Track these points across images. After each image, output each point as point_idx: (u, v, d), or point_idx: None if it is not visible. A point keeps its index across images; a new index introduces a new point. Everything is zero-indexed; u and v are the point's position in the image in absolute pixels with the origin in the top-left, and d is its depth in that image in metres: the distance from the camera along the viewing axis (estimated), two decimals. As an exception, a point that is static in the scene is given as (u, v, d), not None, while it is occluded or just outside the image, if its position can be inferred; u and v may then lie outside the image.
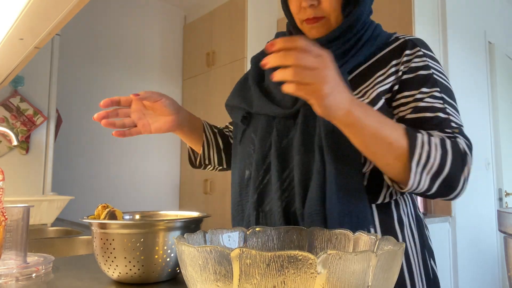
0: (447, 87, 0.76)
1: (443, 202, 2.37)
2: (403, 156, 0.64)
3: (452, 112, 0.72)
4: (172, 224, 0.68)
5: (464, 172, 0.67)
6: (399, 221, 0.76)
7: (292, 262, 0.35)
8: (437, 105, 0.72)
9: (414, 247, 0.78)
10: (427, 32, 2.35)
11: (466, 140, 0.70)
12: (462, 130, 0.72)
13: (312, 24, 0.77)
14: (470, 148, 0.69)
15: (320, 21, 0.77)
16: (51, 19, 0.90)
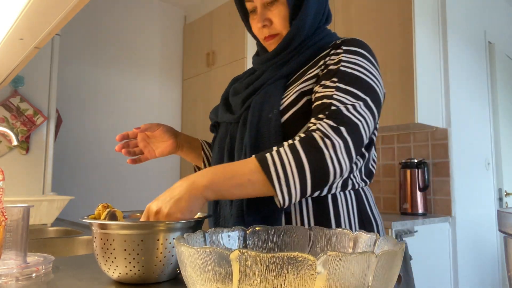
0: (350, 74, 0.79)
1: (443, 202, 2.37)
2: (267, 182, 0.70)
3: (339, 95, 0.77)
4: (172, 225, 0.68)
5: (326, 156, 0.71)
6: (335, 215, 0.82)
7: (292, 264, 0.35)
8: (327, 93, 0.78)
9: None
10: (427, 32, 2.35)
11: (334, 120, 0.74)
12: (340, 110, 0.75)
13: (270, 41, 0.91)
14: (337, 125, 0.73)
15: (275, 38, 0.90)
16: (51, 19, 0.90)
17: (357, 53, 0.83)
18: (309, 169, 0.70)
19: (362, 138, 0.77)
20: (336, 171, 0.72)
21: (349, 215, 0.84)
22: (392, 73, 2.29)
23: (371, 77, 0.81)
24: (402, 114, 2.23)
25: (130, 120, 3.55)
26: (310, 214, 0.81)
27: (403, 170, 2.40)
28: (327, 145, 0.71)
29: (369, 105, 0.78)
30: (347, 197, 0.85)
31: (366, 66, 0.82)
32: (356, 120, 0.75)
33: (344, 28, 2.59)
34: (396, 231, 1.94)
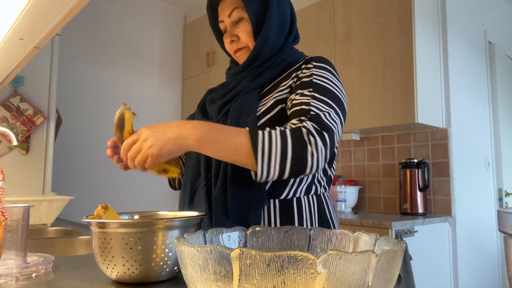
0: (322, 86, 0.90)
1: (443, 202, 2.37)
2: (251, 155, 0.79)
3: (315, 103, 0.87)
4: (171, 223, 0.68)
5: (308, 151, 0.79)
6: (298, 216, 0.92)
7: (292, 262, 0.35)
8: (304, 100, 0.88)
9: None
10: (427, 32, 2.35)
11: (316, 123, 0.83)
12: (319, 115, 0.85)
13: (238, 53, 1.03)
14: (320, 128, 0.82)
15: (243, 50, 1.02)
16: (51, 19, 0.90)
17: (325, 68, 0.94)
18: (291, 156, 0.79)
19: (335, 144, 0.87)
20: (313, 166, 0.81)
21: (311, 217, 0.94)
22: (392, 73, 2.29)
23: (338, 90, 0.92)
24: (402, 114, 2.23)
25: (130, 120, 3.55)
26: (277, 214, 0.91)
27: (403, 170, 2.40)
28: (311, 142, 0.80)
29: (338, 113, 0.89)
30: (310, 201, 0.96)
31: (333, 80, 0.93)
32: (332, 126, 0.85)
33: (344, 28, 2.59)
34: (396, 231, 1.94)
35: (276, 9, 0.98)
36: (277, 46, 1.00)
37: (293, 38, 1.05)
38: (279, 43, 1.00)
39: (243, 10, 0.99)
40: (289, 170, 0.79)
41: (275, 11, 0.98)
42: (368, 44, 2.43)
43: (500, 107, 3.02)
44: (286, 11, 1.02)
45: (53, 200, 1.62)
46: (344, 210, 2.59)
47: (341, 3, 2.62)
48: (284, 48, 1.01)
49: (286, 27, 1.02)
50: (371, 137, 2.73)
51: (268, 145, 0.78)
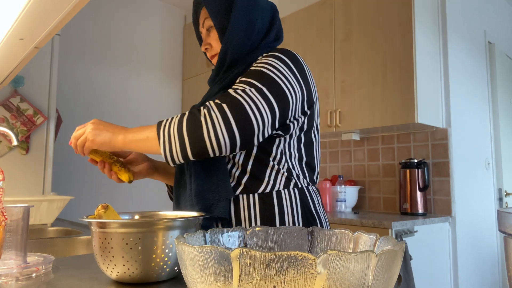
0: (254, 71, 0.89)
1: (443, 202, 2.37)
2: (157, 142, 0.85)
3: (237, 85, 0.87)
4: (171, 223, 0.68)
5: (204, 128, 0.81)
6: (279, 210, 0.92)
7: (292, 262, 0.35)
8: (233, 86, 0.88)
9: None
10: (427, 32, 2.35)
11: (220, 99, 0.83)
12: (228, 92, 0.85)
13: (213, 60, 1.08)
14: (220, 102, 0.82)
15: (215, 57, 1.06)
16: (51, 19, 0.90)
17: (274, 56, 0.92)
18: (188, 138, 0.82)
19: (248, 117, 0.82)
20: (212, 143, 0.81)
21: (293, 212, 0.94)
22: (392, 73, 2.29)
23: (276, 73, 0.88)
24: (402, 114, 2.23)
25: (130, 120, 3.55)
26: (256, 208, 0.92)
27: (403, 170, 2.40)
28: (206, 119, 0.81)
29: (264, 93, 0.85)
30: (291, 194, 0.95)
31: (276, 65, 0.90)
32: (241, 99, 0.82)
33: (344, 28, 2.59)
34: (396, 231, 1.94)
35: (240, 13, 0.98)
36: (245, 49, 1.00)
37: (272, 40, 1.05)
38: (246, 46, 1.00)
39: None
40: (191, 150, 0.82)
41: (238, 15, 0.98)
42: (368, 44, 2.43)
43: (500, 107, 3.02)
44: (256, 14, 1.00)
45: (53, 200, 1.62)
46: (344, 210, 2.59)
47: (341, 3, 2.62)
48: (257, 50, 1.01)
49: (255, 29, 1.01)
50: (371, 137, 2.73)
51: (168, 130, 0.83)
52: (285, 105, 0.87)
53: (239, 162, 0.94)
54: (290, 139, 0.95)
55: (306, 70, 0.96)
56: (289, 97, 0.88)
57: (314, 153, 1.01)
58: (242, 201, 0.93)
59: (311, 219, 0.96)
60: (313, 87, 0.99)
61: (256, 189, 0.93)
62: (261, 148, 0.93)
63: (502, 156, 2.96)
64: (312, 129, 1.00)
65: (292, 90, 0.89)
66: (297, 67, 0.93)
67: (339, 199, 2.58)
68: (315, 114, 1.01)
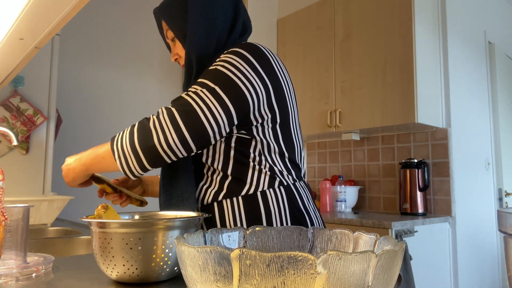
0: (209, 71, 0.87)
1: (443, 202, 2.37)
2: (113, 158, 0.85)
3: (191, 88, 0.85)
4: (171, 223, 0.68)
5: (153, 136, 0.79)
6: (266, 211, 0.89)
7: (292, 263, 0.35)
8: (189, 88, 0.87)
9: None
10: (427, 32, 2.35)
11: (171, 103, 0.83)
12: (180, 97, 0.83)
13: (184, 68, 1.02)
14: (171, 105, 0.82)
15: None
16: (51, 19, 0.90)
17: (233, 52, 0.88)
18: (140, 149, 0.81)
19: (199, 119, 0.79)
20: (165, 149, 0.80)
21: (280, 211, 0.90)
22: (392, 73, 2.29)
23: (233, 71, 0.85)
24: (402, 114, 2.23)
25: (130, 120, 3.55)
26: (241, 210, 0.89)
27: (403, 170, 2.40)
28: (156, 126, 0.80)
29: (216, 92, 0.82)
30: (277, 194, 0.91)
31: (234, 62, 0.86)
32: (191, 101, 0.80)
33: (344, 28, 2.59)
34: (396, 231, 1.94)
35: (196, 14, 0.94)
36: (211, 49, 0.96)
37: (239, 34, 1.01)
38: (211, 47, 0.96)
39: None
40: (147, 160, 0.81)
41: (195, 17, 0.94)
42: (368, 44, 2.43)
43: (500, 107, 3.02)
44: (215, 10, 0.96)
45: (53, 200, 1.62)
46: (344, 210, 2.59)
47: (341, 3, 2.62)
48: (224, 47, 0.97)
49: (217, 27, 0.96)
50: (371, 137, 2.73)
51: (120, 144, 0.83)
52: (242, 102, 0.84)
53: (219, 168, 0.91)
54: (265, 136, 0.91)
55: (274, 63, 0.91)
56: (246, 93, 0.84)
57: (295, 149, 0.97)
58: (226, 205, 0.90)
59: (299, 217, 0.92)
60: (284, 80, 0.94)
61: (239, 192, 0.90)
62: (238, 150, 0.90)
63: (502, 156, 2.96)
64: (290, 123, 0.96)
65: (251, 86, 0.85)
66: (260, 61, 0.88)
67: (339, 199, 2.58)
68: (290, 108, 0.96)
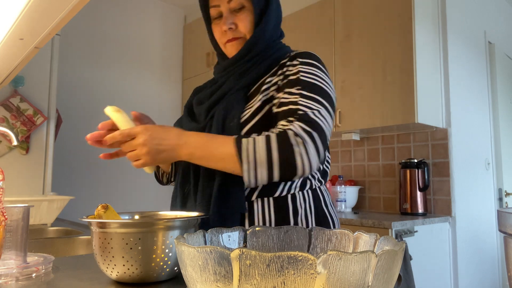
0: (310, 83, 0.89)
1: (443, 202, 2.37)
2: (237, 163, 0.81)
3: (304, 102, 0.86)
4: (171, 223, 0.68)
5: (295, 152, 0.79)
6: (294, 212, 0.91)
7: (292, 263, 0.35)
8: (292, 99, 0.87)
9: None
10: (427, 32, 2.35)
11: (304, 123, 0.82)
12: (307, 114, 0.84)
13: (232, 42, 0.97)
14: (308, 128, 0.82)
15: (238, 40, 0.97)
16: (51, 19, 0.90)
17: (312, 64, 0.92)
18: (278, 160, 0.79)
19: (327, 140, 0.85)
20: (304, 168, 0.80)
21: (306, 213, 0.93)
22: (392, 73, 2.29)
23: (326, 85, 0.90)
24: (402, 114, 2.23)
25: (130, 120, 3.55)
26: (271, 212, 0.90)
27: (403, 170, 2.40)
28: (298, 143, 0.80)
29: (329, 110, 0.87)
30: (305, 196, 0.94)
31: (321, 75, 0.91)
32: (321, 123, 0.84)
33: (344, 28, 2.59)
34: (396, 231, 1.94)
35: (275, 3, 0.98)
36: (271, 40, 0.99)
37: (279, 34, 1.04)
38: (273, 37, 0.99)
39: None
40: (278, 174, 0.80)
41: (275, 4, 0.97)
42: (368, 44, 2.43)
43: (500, 107, 3.01)
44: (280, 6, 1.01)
45: (53, 200, 1.62)
46: (344, 210, 2.59)
47: (341, 3, 2.62)
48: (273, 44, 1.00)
49: (280, 21, 1.01)
50: (371, 137, 2.73)
51: (253, 152, 0.80)
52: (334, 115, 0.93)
53: None
54: None
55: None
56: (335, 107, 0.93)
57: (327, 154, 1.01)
58: (257, 205, 0.91)
59: (322, 219, 0.95)
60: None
61: (272, 193, 0.91)
62: None
63: (502, 156, 2.96)
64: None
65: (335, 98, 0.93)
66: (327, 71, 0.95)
67: (339, 199, 2.58)
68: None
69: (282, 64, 0.95)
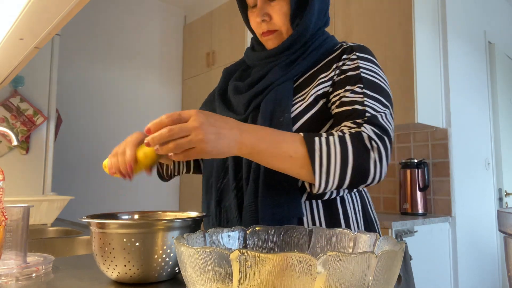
0: (373, 82, 0.82)
1: (443, 202, 2.37)
2: (307, 164, 0.71)
3: (370, 103, 0.79)
4: (171, 224, 0.68)
5: (371, 157, 0.73)
6: (344, 215, 0.84)
7: (292, 264, 0.35)
8: (356, 98, 0.79)
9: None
10: (427, 32, 2.35)
11: (375, 126, 0.76)
12: (376, 117, 0.77)
13: (267, 36, 0.89)
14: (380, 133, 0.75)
15: (274, 34, 0.89)
16: (51, 19, 0.90)
17: (371, 60, 0.86)
18: (352, 165, 0.71)
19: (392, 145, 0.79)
20: (376, 174, 0.74)
21: (356, 216, 0.87)
22: (392, 73, 2.29)
23: (387, 85, 0.85)
24: (402, 114, 2.23)
25: (130, 120, 3.55)
26: (321, 216, 0.83)
27: (403, 170, 2.40)
28: (373, 148, 0.73)
29: (392, 113, 0.83)
30: (353, 198, 0.88)
31: (380, 73, 0.85)
32: (389, 128, 0.78)
33: (344, 28, 2.59)
34: (396, 231, 1.94)
35: None
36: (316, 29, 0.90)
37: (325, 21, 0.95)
38: (318, 26, 0.91)
39: None
40: (349, 180, 0.72)
41: None
42: (368, 44, 2.43)
43: (500, 107, 3.01)
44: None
45: (53, 200, 1.62)
46: (344, 210, 2.59)
47: (341, 3, 2.62)
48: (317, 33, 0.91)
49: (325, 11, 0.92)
50: (371, 137, 2.73)
51: (327, 153, 0.71)
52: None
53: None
54: None
55: None
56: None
57: None
58: (305, 208, 0.83)
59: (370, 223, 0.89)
60: None
61: (322, 196, 0.83)
62: None
63: (502, 156, 2.96)
64: None
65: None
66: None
67: (339, 199, 2.58)
68: None
69: (335, 57, 0.87)
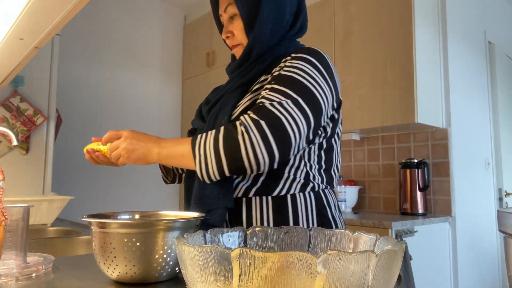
0: (286, 77, 0.85)
1: (443, 202, 2.37)
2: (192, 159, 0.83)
3: (269, 95, 0.83)
4: (172, 224, 0.68)
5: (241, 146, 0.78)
6: (294, 213, 0.89)
7: (292, 262, 0.35)
8: (263, 93, 0.86)
9: None
10: (427, 32, 2.35)
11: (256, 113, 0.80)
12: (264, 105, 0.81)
13: (235, 49, 1.00)
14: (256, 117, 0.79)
15: (238, 47, 0.99)
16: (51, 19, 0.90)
17: (302, 58, 0.88)
18: (225, 156, 0.79)
19: (287, 133, 0.79)
20: (250, 161, 0.78)
21: (307, 215, 0.90)
22: (392, 73, 2.29)
23: (309, 80, 0.84)
24: (402, 114, 2.23)
25: (130, 120, 3.55)
26: (270, 211, 0.88)
27: (403, 170, 2.40)
28: (244, 138, 0.78)
29: (300, 104, 0.81)
30: (307, 198, 0.91)
31: (307, 70, 0.86)
32: (279, 114, 0.79)
33: (344, 28, 2.59)
34: (396, 231, 1.94)
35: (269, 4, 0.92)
36: (273, 42, 0.95)
37: (296, 31, 1.00)
38: (275, 39, 0.95)
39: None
40: (228, 168, 0.79)
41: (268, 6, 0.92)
42: (368, 44, 2.43)
43: (500, 107, 3.02)
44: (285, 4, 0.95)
45: (53, 200, 1.62)
46: (344, 210, 2.59)
47: (341, 3, 2.62)
48: (282, 42, 0.96)
49: (283, 21, 0.96)
50: (371, 137, 2.73)
51: (203, 147, 0.81)
52: (319, 114, 0.84)
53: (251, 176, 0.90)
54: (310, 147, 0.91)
55: (332, 68, 0.91)
56: (322, 104, 0.85)
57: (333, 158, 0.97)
58: (255, 203, 0.89)
59: (326, 224, 0.91)
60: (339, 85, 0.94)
61: (270, 192, 0.89)
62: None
63: (502, 156, 2.96)
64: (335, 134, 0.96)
65: (324, 96, 0.86)
66: (326, 68, 0.88)
67: (339, 199, 2.59)
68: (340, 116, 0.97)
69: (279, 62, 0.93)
